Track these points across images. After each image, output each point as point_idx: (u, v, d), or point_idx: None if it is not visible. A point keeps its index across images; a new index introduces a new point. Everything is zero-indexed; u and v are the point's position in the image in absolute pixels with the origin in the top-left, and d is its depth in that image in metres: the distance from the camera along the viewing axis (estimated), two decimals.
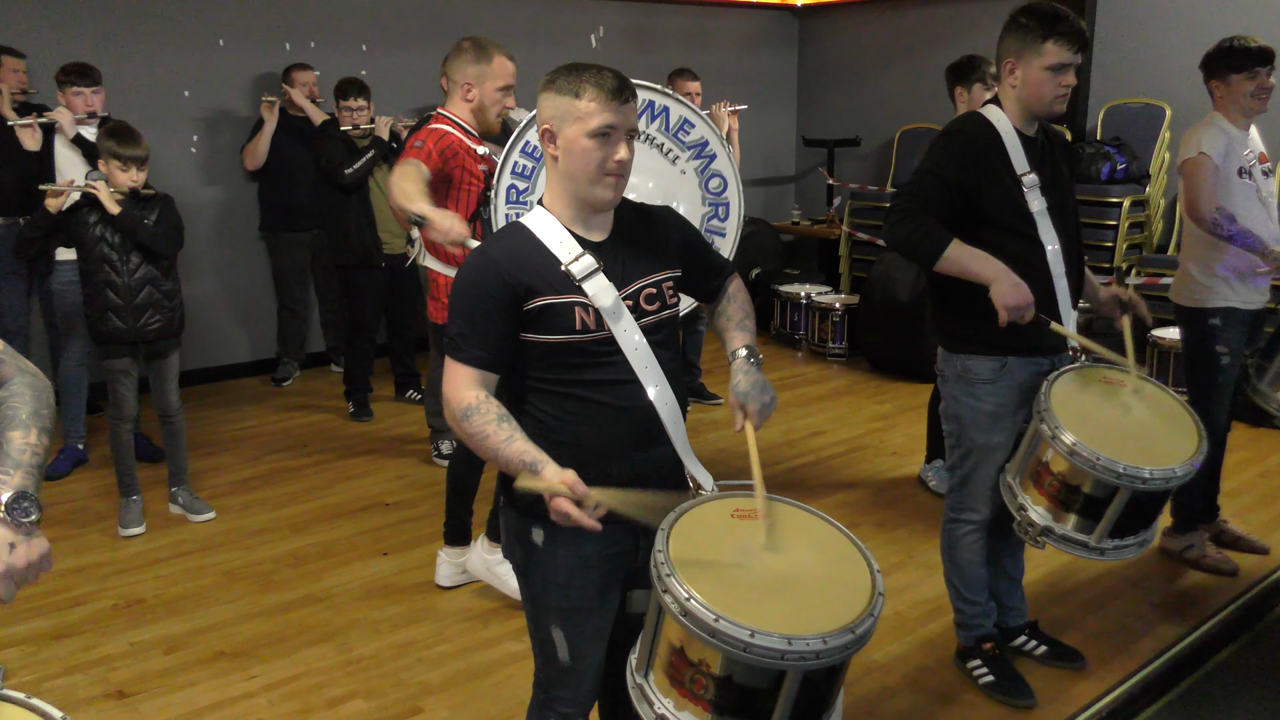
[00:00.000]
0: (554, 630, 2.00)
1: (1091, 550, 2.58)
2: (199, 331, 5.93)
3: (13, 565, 1.37)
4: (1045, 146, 2.77)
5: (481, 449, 1.82)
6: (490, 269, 1.87)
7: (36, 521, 1.40)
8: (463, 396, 1.84)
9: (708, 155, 3.33)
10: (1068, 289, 2.73)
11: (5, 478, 1.42)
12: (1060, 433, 2.48)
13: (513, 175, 3.23)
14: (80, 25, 5.49)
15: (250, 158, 5.87)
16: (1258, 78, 3.43)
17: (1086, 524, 2.56)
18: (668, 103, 3.36)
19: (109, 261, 3.90)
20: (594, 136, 1.84)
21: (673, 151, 3.35)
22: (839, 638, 1.62)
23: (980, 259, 2.59)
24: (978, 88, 4.19)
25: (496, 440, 1.80)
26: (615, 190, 1.91)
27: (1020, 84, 2.66)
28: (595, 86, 1.84)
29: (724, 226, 3.51)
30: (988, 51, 4.55)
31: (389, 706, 2.94)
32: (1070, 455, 2.46)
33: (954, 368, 2.84)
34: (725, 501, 1.90)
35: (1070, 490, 2.54)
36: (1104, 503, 2.51)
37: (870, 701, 2.94)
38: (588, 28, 7.39)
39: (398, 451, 5.05)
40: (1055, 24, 2.59)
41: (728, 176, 3.35)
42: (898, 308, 6.09)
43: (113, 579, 3.74)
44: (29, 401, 1.53)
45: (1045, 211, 2.68)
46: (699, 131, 3.31)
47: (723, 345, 2.15)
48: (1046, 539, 2.61)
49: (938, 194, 2.65)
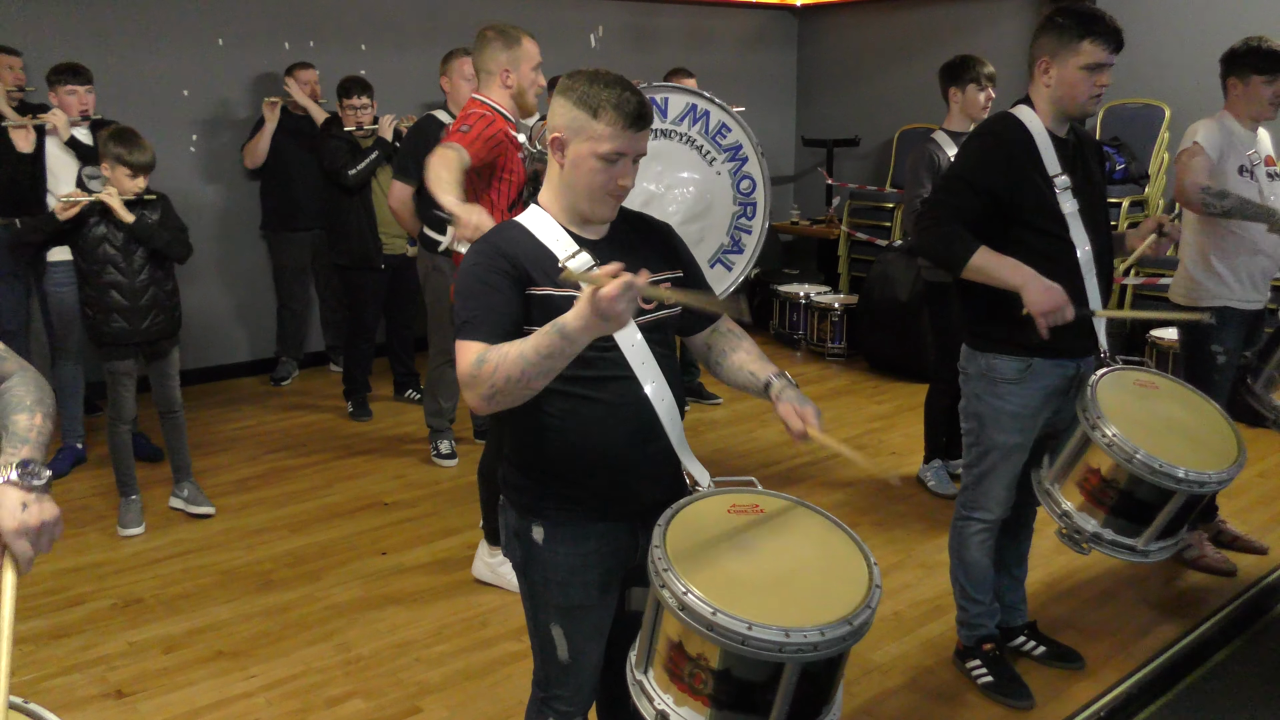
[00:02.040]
0: (553, 628, 2.00)
1: (1138, 553, 2.60)
2: (197, 331, 5.93)
3: (26, 521, 1.43)
4: (1076, 147, 2.76)
5: (509, 371, 1.71)
6: (495, 250, 1.87)
7: (47, 485, 1.47)
8: (469, 358, 1.77)
9: (741, 158, 3.63)
10: (1098, 290, 2.73)
11: (14, 450, 1.50)
12: (1116, 437, 2.48)
13: None
14: (78, 24, 5.49)
15: (250, 156, 5.86)
16: (1276, 83, 3.42)
17: (1134, 527, 2.58)
18: (709, 107, 3.59)
19: (113, 263, 3.90)
20: (603, 159, 1.83)
21: (710, 153, 3.61)
22: (836, 629, 1.62)
23: (1008, 266, 2.59)
24: (971, 88, 4.20)
25: (515, 352, 1.71)
26: (613, 208, 1.91)
27: (1055, 83, 2.66)
28: (615, 110, 1.80)
29: (751, 225, 3.80)
30: (988, 52, 4.58)
31: (388, 706, 2.94)
32: (1128, 461, 2.47)
33: (977, 366, 2.82)
34: (722, 497, 1.90)
35: (1121, 495, 2.55)
36: (1156, 507, 2.52)
37: (869, 701, 2.94)
38: (587, 27, 7.39)
39: (397, 451, 5.05)
40: (1093, 24, 2.59)
41: (757, 179, 3.66)
42: (897, 307, 6.09)
43: (111, 578, 3.74)
44: (32, 390, 1.61)
45: (1077, 214, 2.67)
46: (734, 136, 3.61)
47: (740, 381, 2.06)
48: (1095, 545, 2.61)
49: (968, 200, 2.65)
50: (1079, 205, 2.67)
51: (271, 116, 5.76)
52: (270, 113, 5.75)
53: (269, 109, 5.75)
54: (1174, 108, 6.29)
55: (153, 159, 3.90)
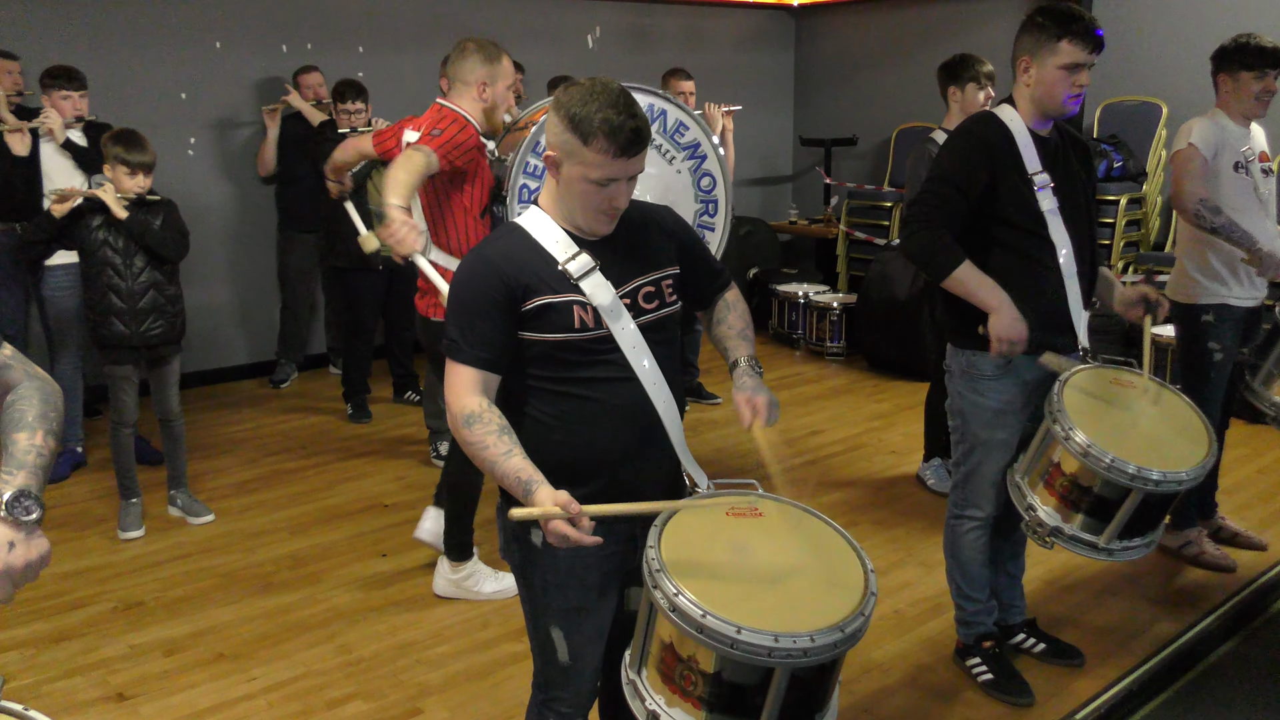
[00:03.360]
0: (553, 630, 2.00)
1: (1100, 551, 2.59)
2: (198, 334, 5.92)
3: (11, 565, 1.36)
4: (1059, 146, 2.77)
5: (479, 458, 1.81)
6: (487, 270, 1.87)
7: (38, 521, 1.40)
8: (465, 402, 1.83)
9: (699, 156, 3.56)
10: (1079, 291, 2.73)
11: (8, 477, 1.42)
12: (1074, 433, 2.49)
13: (525, 175, 3.27)
14: (76, 27, 5.49)
15: (261, 165, 5.95)
16: (1265, 79, 3.43)
17: (1096, 524, 2.57)
18: (665, 106, 3.53)
19: (112, 265, 3.90)
20: (595, 183, 1.82)
21: (670, 152, 3.54)
22: (827, 636, 1.62)
23: (987, 286, 2.62)
24: (970, 87, 4.20)
25: (495, 453, 1.78)
26: (609, 225, 1.91)
27: (1034, 83, 2.67)
28: (607, 138, 1.76)
29: (713, 222, 3.72)
30: (985, 50, 4.58)
31: (388, 707, 2.94)
32: (1083, 456, 2.47)
33: (959, 363, 2.84)
34: (720, 500, 1.90)
35: (1081, 491, 2.55)
36: (1115, 504, 2.52)
37: (869, 699, 2.95)
38: (585, 27, 7.39)
39: (396, 453, 5.06)
40: (1071, 24, 2.61)
41: (716, 175, 3.59)
42: (895, 307, 6.09)
43: (112, 581, 3.74)
44: (36, 404, 1.53)
45: (1056, 211, 2.68)
46: (692, 134, 3.54)
47: (722, 353, 2.13)
48: (1055, 539, 2.62)
49: (953, 200, 2.66)
50: (1058, 204, 2.68)
51: (272, 123, 5.78)
52: (271, 120, 5.77)
53: (269, 116, 5.77)
54: (1171, 105, 6.29)
55: (153, 159, 3.92)
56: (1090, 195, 2.86)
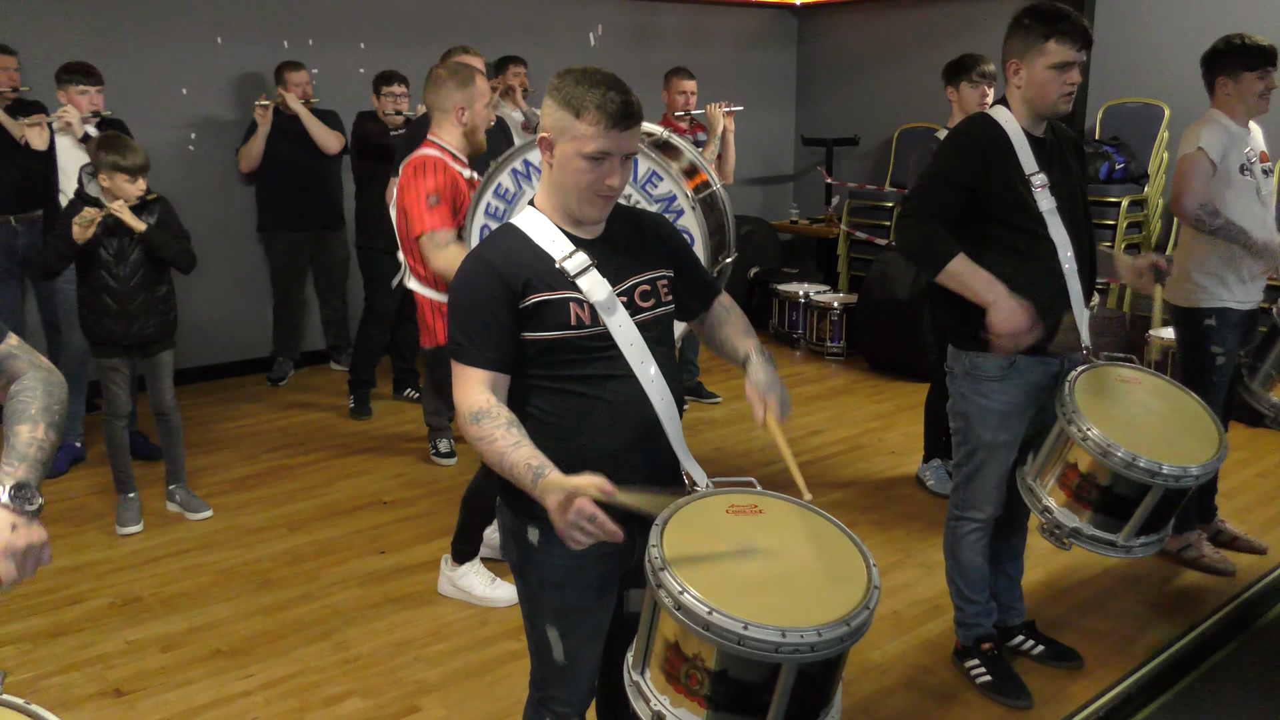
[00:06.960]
0: (549, 630, 2.00)
1: (1119, 549, 2.60)
2: (195, 330, 5.92)
3: (13, 543, 1.41)
4: (1054, 146, 2.76)
5: (488, 453, 1.81)
6: (486, 268, 1.87)
7: (38, 511, 1.45)
8: (474, 400, 1.83)
9: (676, 210, 3.16)
10: (1080, 288, 2.73)
11: (10, 469, 1.47)
12: (1092, 433, 2.49)
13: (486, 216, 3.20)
14: (77, 23, 5.47)
15: (245, 160, 5.85)
16: (1267, 77, 3.43)
17: (1114, 523, 2.58)
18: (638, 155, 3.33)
19: (106, 267, 3.90)
20: (587, 159, 1.82)
21: (640, 205, 3.19)
22: (834, 630, 1.62)
23: (982, 279, 2.59)
24: (965, 86, 4.22)
25: (504, 444, 1.78)
26: (603, 210, 1.91)
27: (1025, 84, 2.66)
28: (597, 109, 1.79)
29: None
30: (986, 50, 4.58)
31: (386, 705, 2.94)
32: (1104, 456, 2.47)
33: (962, 365, 2.83)
34: (720, 497, 1.90)
35: (1100, 490, 2.55)
36: (1134, 501, 2.53)
37: (868, 701, 2.94)
38: (586, 26, 7.39)
39: (395, 450, 5.05)
40: (1057, 22, 2.60)
41: (695, 233, 3.15)
42: (896, 307, 6.09)
43: (110, 577, 3.74)
44: (40, 397, 1.57)
45: (1055, 211, 2.67)
46: (666, 186, 3.16)
47: (726, 353, 2.10)
48: (1075, 540, 2.62)
49: (946, 198, 2.66)
50: (1056, 203, 2.68)
51: (264, 120, 5.72)
52: (262, 116, 5.73)
53: (261, 113, 5.73)
54: (1173, 107, 6.29)
55: (146, 159, 3.90)
56: (1085, 192, 2.87)
